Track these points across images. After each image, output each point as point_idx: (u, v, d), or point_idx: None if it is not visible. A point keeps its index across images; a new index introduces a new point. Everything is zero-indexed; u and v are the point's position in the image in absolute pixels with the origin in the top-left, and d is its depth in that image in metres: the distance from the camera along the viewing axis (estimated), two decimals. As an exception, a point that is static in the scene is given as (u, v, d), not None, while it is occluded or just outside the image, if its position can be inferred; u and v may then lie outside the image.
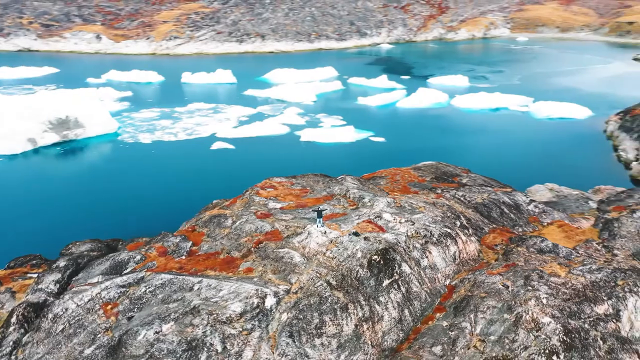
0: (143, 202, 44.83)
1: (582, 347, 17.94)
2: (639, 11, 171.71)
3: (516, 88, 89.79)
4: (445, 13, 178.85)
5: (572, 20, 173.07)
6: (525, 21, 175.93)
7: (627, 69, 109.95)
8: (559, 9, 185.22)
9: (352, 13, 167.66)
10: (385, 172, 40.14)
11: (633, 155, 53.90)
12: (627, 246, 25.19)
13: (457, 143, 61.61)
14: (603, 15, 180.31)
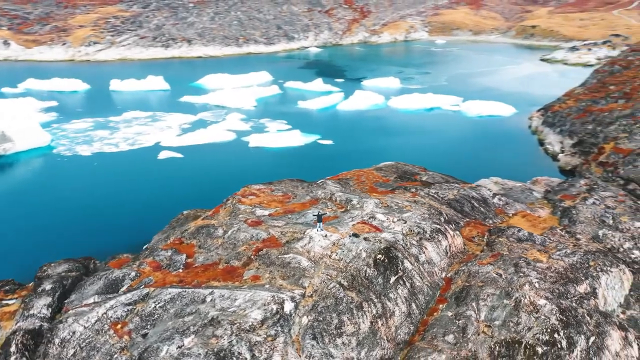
0: (102, 217, 42.76)
1: (576, 323, 20.14)
2: (539, 16, 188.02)
3: (444, 88, 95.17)
4: (368, 17, 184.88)
5: (483, 24, 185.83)
6: (442, 25, 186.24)
7: (537, 68, 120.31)
8: (470, 13, 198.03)
9: (279, 17, 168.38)
10: (350, 174, 41.36)
11: (558, 148, 59.45)
12: (587, 230, 28.26)
13: (402, 143, 64.47)
14: (509, 19, 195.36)
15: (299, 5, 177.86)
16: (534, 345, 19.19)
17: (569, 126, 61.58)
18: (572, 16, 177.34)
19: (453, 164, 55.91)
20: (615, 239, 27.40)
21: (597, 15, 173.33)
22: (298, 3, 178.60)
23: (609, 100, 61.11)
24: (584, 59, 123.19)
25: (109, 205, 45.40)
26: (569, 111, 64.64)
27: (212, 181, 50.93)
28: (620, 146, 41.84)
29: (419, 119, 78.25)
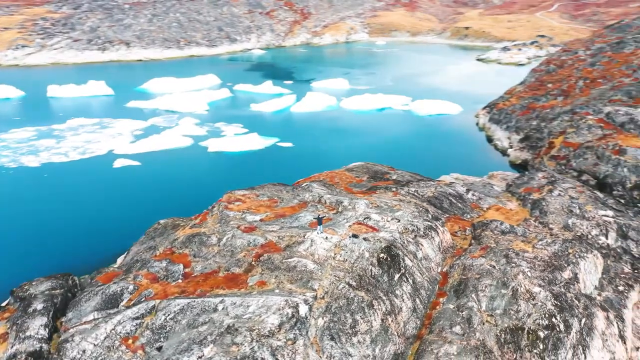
0: (66, 230, 40.80)
1: (569, 307, 21.82)
2: (470, 17, 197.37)
3: (392, 88, 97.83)
4: (309, 19, 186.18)
5: (420, 26, 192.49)
6: (381, 26, 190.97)
7: (475, 68, 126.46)
8: (407, 15, 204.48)
9: (219, 19, 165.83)
10: (322, 176, 41.91)
11: (507, 143, 63.08)
12: (558, 220, 30.46)
13: (361, 143, 65.82)
14: (443, 21, 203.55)
15: (240, 7, 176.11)
16: (535, 330, 20.61)
17: (514, 123, 65.47)
18: (500, 18, 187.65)
19: (413, 162, 57.69)
20: (583, 227, 29.78)
21: (523, 17, 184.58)
22: (238, 5, 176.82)
23: (549, 97, 65.59)
24: (516, 59, 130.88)
25: (71, 218, 43.28)
26: (513, 108, 68.69)
27: (179, 188, 49.73)
28: (570, 140, 45.22)
29: (373, 119, 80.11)
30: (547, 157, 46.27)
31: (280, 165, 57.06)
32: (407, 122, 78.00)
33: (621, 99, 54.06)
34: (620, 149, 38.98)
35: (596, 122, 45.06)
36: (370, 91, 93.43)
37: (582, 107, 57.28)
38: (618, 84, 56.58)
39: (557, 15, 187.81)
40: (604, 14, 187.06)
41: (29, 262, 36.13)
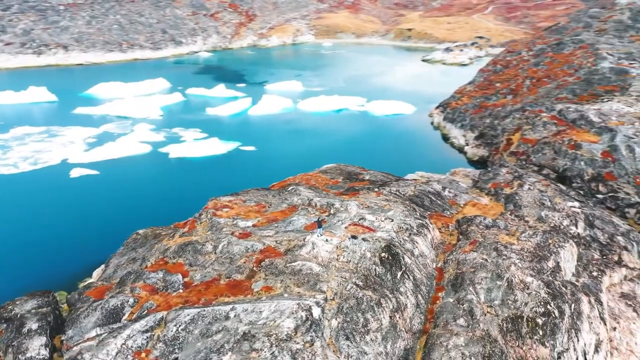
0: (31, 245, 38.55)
1: (560, 294, 23.36)
2: (412, 19, 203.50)
3: (345, 89, 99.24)
4: (254, 21, 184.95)
5: (364, 27, 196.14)
6: (326, 28, 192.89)
7: (422, 68, 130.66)
8: (351, 17, 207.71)
9: (162, 21, 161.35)
10: (298, 179, 42.13)
11: (463, 141, 65.87)
12: (532, 213, 32.37)
13: (325, 144, 66.54)
14: (385, 23, 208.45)
15: (183, 8, 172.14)
16: (534, 318, 21.95)
17: (468, 121, 68.43)
18: (440, 20, 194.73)
19: (377, 162, 58.92)
20: (555, 218, 31.83)
21: (462, 19, 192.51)
22: (181, 6, 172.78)
23: (499, 96, 69.10)
24: (459, 59, 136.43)
25: (34, 232, 40.99)
26: (466, 107, 71.77)
27: (146, 196, 48.27)
28: (527, 137, 47.97)
29: (332, 120, 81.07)
30: (506, 154, 48.80)
31: (247, 170, 56.64)
32: (365, 122, 79.50)
33: (567, 97, 57.95)
34: (576, 144, 41.90)
35: (550, 119, 48.10)
36: (325, 93, 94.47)
37: (532, 105, 60.81)
38: (563, 83, 60.58)
39: (492, 17, 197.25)
40: (534, 16, 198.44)
41: (12, 277, 34.08)
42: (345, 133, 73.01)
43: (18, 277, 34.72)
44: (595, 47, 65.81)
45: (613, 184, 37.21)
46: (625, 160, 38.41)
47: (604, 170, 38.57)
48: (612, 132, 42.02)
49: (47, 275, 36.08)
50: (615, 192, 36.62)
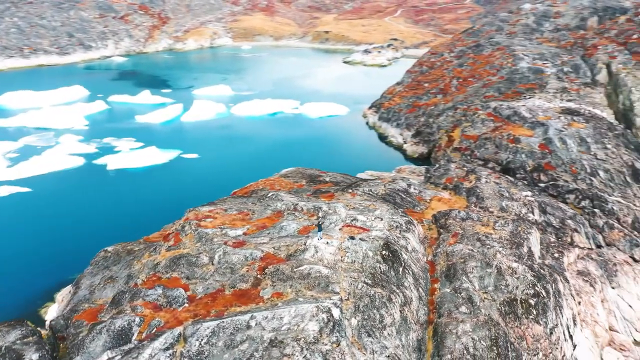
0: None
1: (542, 276, 25.81)
2: (327, 22, 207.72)
3: (275, 92, 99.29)
4: (168, 24, 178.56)
5: (282, 30, 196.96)
6: (244, 31, 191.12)
7: (344, 70, 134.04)
8: (267, 19, 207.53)
9: (67, 24, 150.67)
10: (261, 184, 42.11)
11: (401, 139, 68.99)
12: (494, 204, 35.09)
13: (269, 148, 66.53)
14: (302, 25, 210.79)
15: (89, 10, 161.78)
16: (526, 299, 24.11)
17: (404, 120, 71.77)
18: (355, 22, 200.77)
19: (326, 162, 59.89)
20: (515, 207, 34.82)
21: (375, 22, 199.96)
22: (87, 8, 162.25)
23: (430, 96, 73.21)
24: (378, 60, 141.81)
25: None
26: (400, 107, 75.17)
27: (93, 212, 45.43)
28: (468, 133, 51.56)
29: (269, 123, 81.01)
30: (450, 150, 52.06)
31: (198, 178, 55.16)
32: (304, 125, 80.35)
33: (494, 95, 62.93)
34: (515, 138, 45.91)
35: (487, 116, 52.11)
36: (256, 96, 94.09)
37: (462, 103, 65.27)
38: (488, 82, 65.66)
39: (403, 20, 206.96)
40: (439, 19, 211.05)
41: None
42: (287, 136, 73.35)
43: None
44: (511, 48, 72.03)
45: (552, 173, 41.31)
46: (560, 151, 42.79)
47: (542, 161, 42.66)
48: (544, 126, 46.53)
49: (18, 299, 33.43)
50: (555, 180, 40.69)
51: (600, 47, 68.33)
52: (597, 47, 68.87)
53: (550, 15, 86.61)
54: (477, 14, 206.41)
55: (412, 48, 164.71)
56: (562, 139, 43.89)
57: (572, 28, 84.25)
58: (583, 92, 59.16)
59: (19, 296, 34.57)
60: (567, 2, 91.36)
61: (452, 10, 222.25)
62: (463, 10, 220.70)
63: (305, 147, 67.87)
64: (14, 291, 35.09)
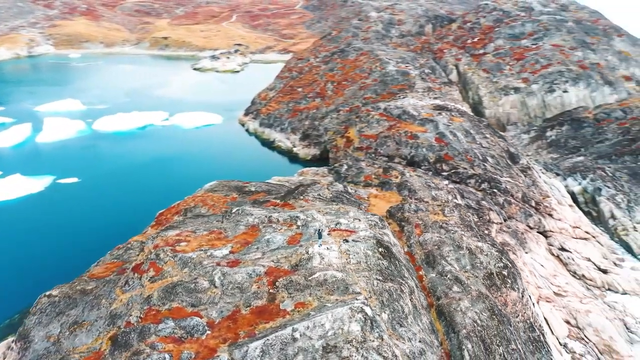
0: None
1: (502, 250, 30.28)
2: (162, 27, 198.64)
3: (135, 104, 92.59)
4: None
5: (112, 36, 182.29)
6: (67, 37, 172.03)
7: (198, 77, 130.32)
8: (92, 24, 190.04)
9: None
10: (191, 202, 40.32)
11: (290, 143, 70.96)
12: (425, 195, 39.24)
13: (156, 163, 62.49)
14: (133, 31, 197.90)
15: None
16: (500, 272, 28.22)
17: (287, 124, 73.82)
18: (193, 28, 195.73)
19: (227, 172, 58.65)
20: (442, 195, 39.44)
21: (213, 27, 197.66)
22: None
23: (308, 100, 76.51)
24: (229, 66, 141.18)
25: None
26: (280, 112, 77.01)
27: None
28: (366, 133, 55.71)
29: (143, 138, 75.72)
30: (351, 149, 55.66)
31: (95, 203, 49.54)
32: (181, 136, 76.92)
33: (372, 96, 68.77)
34: (413, 134, 51.35)
35: (380, 116, 56.99)
36: (113, 110, 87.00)
37: (344, 105, 69.94)
38: (363, 85, 71.38)
39: (240, 25, 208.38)
40: (275, 24, 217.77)
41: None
42: (170, 150, 69.62)
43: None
44: (374, 53, 79.19)
45: (452, 163, 47.49)
46: (453, 143, 49.33)
47: (441, 153, 48.68)
48: (433, 122, 52.97)
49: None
50: (455, 168, 46.88)
51: (446, 51, 79.41)
52: (443, 51, 79.85)
53: (395, 23, 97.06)
54: (310, 20, 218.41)
55: (258, 53, 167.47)
56: (452, 132, 50.64)
57: (414, 34, 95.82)
58: (444, 90, 68.31)
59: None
60: (404, 11, 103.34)
61: (286, 15, 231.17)
62: (295, 15, 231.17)
63: (196, 160, 65.49)
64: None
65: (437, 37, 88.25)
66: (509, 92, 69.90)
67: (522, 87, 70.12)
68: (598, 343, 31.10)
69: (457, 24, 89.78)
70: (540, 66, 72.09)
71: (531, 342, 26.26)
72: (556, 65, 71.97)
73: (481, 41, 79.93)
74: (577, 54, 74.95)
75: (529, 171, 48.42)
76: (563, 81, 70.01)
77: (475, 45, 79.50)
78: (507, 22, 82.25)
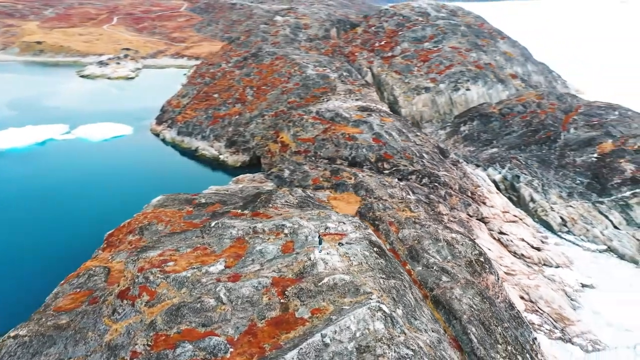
0: None
1: (473, 238, 32.77)
2: (32, 31, 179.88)
3: (24, 118, 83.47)
4: None
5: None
6: None
7: (89, 86, 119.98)
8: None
9: None
10: (144, 220, 38.02)
11: (214, 151, 68.95)
12: (382, 193, 40.89)
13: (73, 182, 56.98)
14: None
15: None
16: (477, 259, 30.65)
17: (209, 132, 71.66)
18: (70, 31, 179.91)
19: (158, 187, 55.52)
20: (397, 193, 41.37)
21: (94, 31, 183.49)
22: None
23: (228, 106, 74.91)
24: (122, 73, 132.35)
25: None
26: (199, 119, 74.46)
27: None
28: (302, 137, 56.10)
29: (48, 154, 68.46)
30: (288, 154, 55.81)
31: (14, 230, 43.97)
32: (92, 150, 70.94)
33: (296, 100, 69.45)
34: (351, 136, 52.93)
35: (314, 120, 57.80)
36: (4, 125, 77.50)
37: (268, 110, 69.76)
38: (286, 89, 71.74)
39: (124, 29, 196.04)
40: (162, 27, 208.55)
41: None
42: (84, 166, 63.92)
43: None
44: (290, 57, 79.87)
45: (392, 161, 49.94)
46: (390, 142, 51.87)
47: (381, 152, 50.90)
48: (367, 123, 55.14)
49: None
50: (396, 166, 49.39)
51: (358, 54, 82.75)
52: (355, 54, 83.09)
53: (301, 27, 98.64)
54: (199, 23, 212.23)
55: (150, 58, 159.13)
56: (387, 131, 53.20)
57: (321, 37, 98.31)
58: (364, 91, 71.24)
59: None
60: (307, 15, 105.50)
61: (172, 18, 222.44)
62: (182, 18, 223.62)
63: (118, 174, 60.87)
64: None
65: (345, 40, 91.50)
66: (421, 92, 75.04)
67: (431, 86, 75.67)
68: (551, 313, 35.12)
69: (362, 28, 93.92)
70: (444, 67, 78.35)
71: (513, 319, 28.99)
72: (457, 65, 78.74)
73: (388, 44, 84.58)
74: (472, 55, 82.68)
75: (459, 164, 52.69)
76: (465, 80, 76.85)
77: (383, 48, 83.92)
78: (408, 27, 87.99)
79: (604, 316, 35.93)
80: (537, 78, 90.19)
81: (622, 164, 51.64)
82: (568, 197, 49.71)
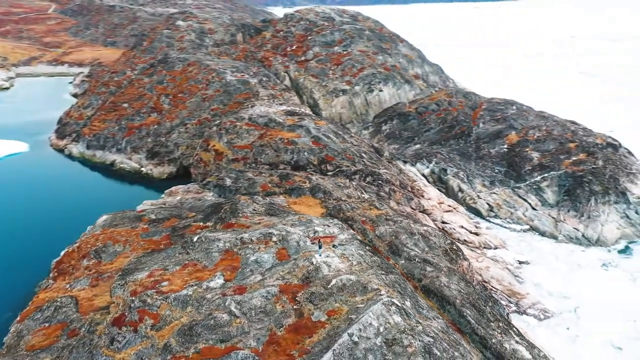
0: None
1: (443, 230, 35.05)
2: None
3: None
4: None
5: None
6: None
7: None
8: None
9: None
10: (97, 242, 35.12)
11: (135, 164, 64.60)
12: (340, 194, 41.85)
13: None
14: None
15: None
16: (451, 247, 32.96)
17: (125, 144, 67.04)
18: None
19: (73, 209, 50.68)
20: (353, 192, 42.57)
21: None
22: None
23: (143, 116, 70.60)
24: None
25: None
26: (111, 131, 69.29)
27: None
28: (239, 144, 54.84)
29: None
30: (224, 162, 54.41)
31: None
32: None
33: (219, 107, 67.76)
34: (290, 141, 53.08)
35: (248, 126, 56.84)
36: None
37: (190, 119, 67.24)
38: (206, 96, 69.55)
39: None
40: (30, 30, 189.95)
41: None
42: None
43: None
44: (204, 63, 77.47)
45: (335, 162, 51.13)
46: (330, 144, 53.07)
47: (322, 154, 51.87)
48: (302, 127, 55.77)
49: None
50: (339, 167, 50.70)
51: (272, 59, 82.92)
52: (269, 59, 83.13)
53: (206, 32, 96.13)
54: (74, 26, 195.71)
55: (23, 65, 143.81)
56: (325, 134, 54.33)
57: (228, 42, 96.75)
58: (286, 96, 71.74)
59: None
60: (210, 20, 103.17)
61: (39, 21, 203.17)
62: (53, 21, 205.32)
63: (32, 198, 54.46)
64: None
65: (255, 45, 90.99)
66: (339, 94, 77.45)
67: (347, 88, 78.43)
68: (504, 290, 38.82)
69: (270, 32, 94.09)
70: (357, 70, 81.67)
71: (488, 298, 31.74)
72: (368, 68, 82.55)
73: (300, 49, 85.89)
74: (379, 58, 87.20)
75: (394, 161, 55.60)
76: (377, 82, 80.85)
77: (296, 52, 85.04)
78: (317, 31, 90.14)
79: (544, 287, 40.55)
80: (434, 78, 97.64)
81: (529, 152, 58.43)
82: (491, 185, 55.01)
